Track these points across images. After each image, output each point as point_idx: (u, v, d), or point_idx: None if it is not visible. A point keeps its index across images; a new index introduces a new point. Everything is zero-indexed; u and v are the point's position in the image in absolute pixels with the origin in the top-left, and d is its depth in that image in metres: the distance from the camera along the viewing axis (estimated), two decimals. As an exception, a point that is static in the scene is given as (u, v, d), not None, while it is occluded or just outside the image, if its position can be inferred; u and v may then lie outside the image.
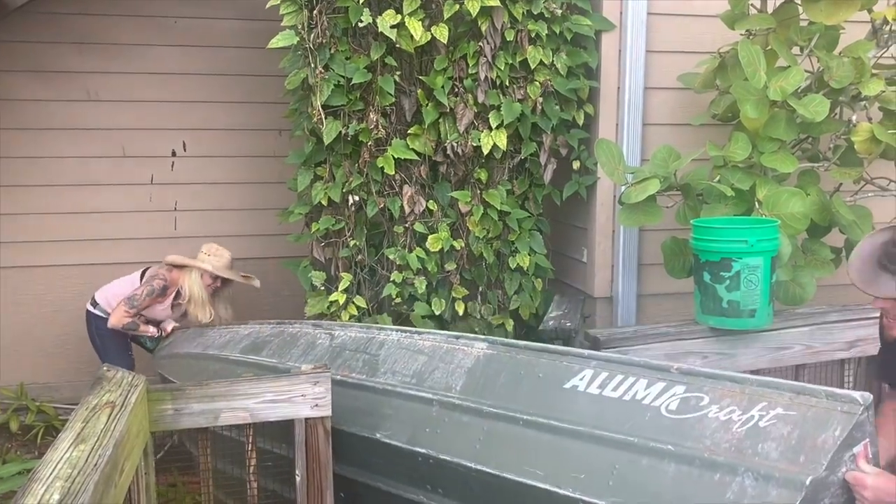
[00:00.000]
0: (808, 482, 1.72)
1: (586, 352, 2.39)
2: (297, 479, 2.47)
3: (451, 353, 2.56)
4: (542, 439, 2.18)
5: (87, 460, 1.65)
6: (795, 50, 3.26)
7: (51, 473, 1.57)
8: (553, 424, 2.18)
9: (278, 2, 3.41)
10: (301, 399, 2.43)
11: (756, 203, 3.07)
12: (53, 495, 1.48)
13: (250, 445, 2.46)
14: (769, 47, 3.21)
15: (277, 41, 3.41)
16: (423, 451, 2.37)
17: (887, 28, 3.17)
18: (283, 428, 2.51)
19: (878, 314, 2.44)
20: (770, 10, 3.34)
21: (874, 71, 3.20)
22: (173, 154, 4.65)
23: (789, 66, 3.07)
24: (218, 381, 2.40)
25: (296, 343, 3.03)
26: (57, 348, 4.57)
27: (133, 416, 2.00)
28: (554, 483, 2.07)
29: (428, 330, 2.95)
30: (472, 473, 2.25)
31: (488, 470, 2.21)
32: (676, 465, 1.91)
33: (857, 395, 1.83)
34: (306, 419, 2.45)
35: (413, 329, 2.86)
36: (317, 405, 2.45)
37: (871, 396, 1.84)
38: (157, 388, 2.32)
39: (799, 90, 3.08)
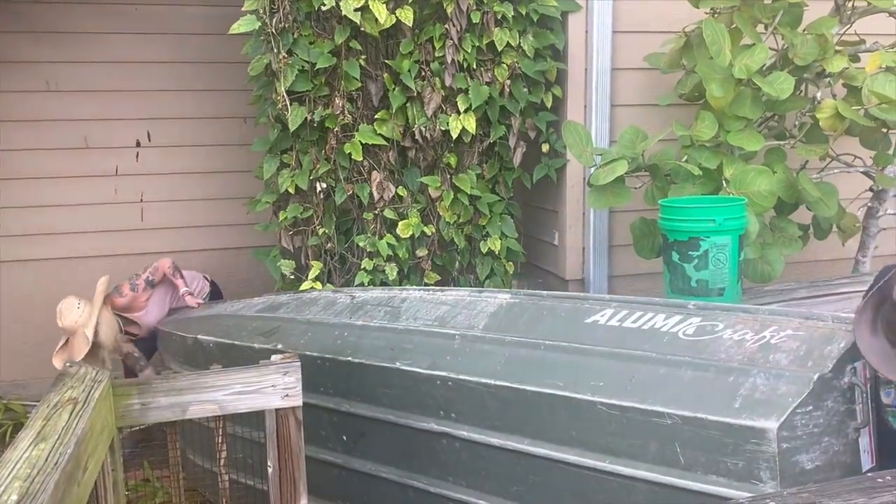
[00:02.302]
0: (815, 377, 1.86)
1: (608, 295, 2.46)
2: (270, 470, 2.45)
3: (473, 303, 2.62)
4: (562, 359, 2.26)
5: (47, 459, 1.60)
6: (760, 28, 3.26)
7: (9, 474, 1.53)
8: (574, 346, 2.26)
9: (239, -14, 3.35)
10: (271, 389, 2.40)
11: (723, 182, 3.08)
12: (11, 496, 1.44)
13: (221, 438, 2.43)
14: (734, 25, 3.21)
15: (239, 26, 3.35)
16: (442, 373, 2.41)
17: (850, 4, 3.18)
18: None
19: (847, 289, 2.46)
20: (734, -12, 3.33)
21: (838, 48, 3.22)
22: (138, 144, 4.57)
23: (754, 44, 3.07)
24: (185, 374, 2.36)
25: (315, 303, 3.04)
26: (23, 345, 4.48)
27: (97, 412, 1.95)
28: (573, 391, 2.14)
29: (452, 287, 2.99)
30: (491, 390, 2.29)
31: (508, 384, 2.27)
32: (693, 372, 2.03)
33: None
34: (277, 410, 2.42)
35: (436, 287, 2.93)
36: (287, 395, 2.42)
37: None
38: (121, 382, 2.27)
39: (764, 68, 3.08)
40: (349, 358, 2.65)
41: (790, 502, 1.63)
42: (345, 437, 2.71)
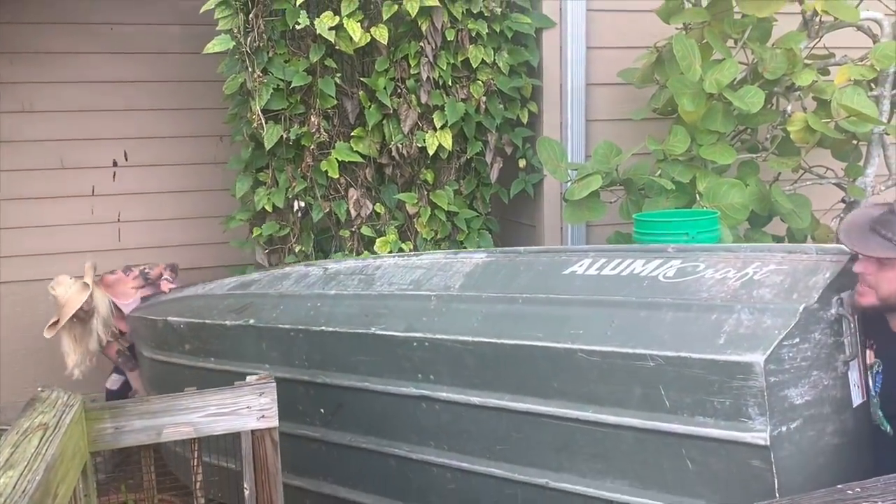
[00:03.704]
0: (801, 309, 1.82)
1: (586, 246, 2.41)
2: (246, 492, 2.43)
3: (449, 265, 2.56)
4: (540, 311, 2.20)
5: (14, 487, 1.59)
6: (730, 43, 3.30)
7: (-26, 503, 1.51)
8: (552, 298, 2.21)
9: (213, 6, 3.35)
10: (246, 411, 2.38)
11: (697, 195, 3.11)
12: (-24, 526, 1.43)
13: (196, 461, 2.41)
14: (704, 41, 3.25)
15: (213, 46, 3.36)
16: (419, 335, 2.36)
17: (817, 19, 3.23)
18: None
19: None
20: (704, 3, 3.38)
21: (807, 61, 3.27)
22: (114, 164, 4.54)
23: (724, 59, 3.11)
24: (160, 397, 2.34)
25: (287, 277, 2.99)
26: (0, 369, 4.43)
27: (68, 438, 1.93)
28: (552, 340, 2.09)
29: (427, 251, 2.95)
30: (469, 347, 2.24)
31: (486, 340, 2.21)
32: (674, 313, 1.97)
33: (844, 246, 1.93)
34: (253, 431, 2.40)
35: (411, 253, 2.85)
36: (263, 416, 2.40)
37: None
38: (94, 406, 2.25)
39: (734, 82, 3.12)
40: (323, 327, 2.59)
41: (761, 514, 1.63)
42: (322, 410, 2.66)
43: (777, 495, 1.75)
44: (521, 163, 3.87)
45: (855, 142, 3.36)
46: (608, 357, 1.97)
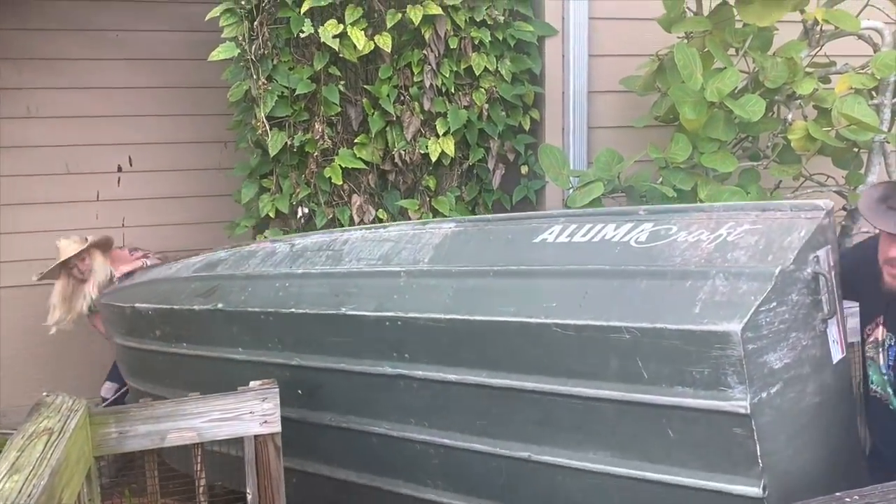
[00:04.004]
0: (777, 272, 1.77)
1: (556, 211, 2.36)
2: (249, 497, 2.45)
3: (418, 237, 2.51)
4: (511, 284, 2.16)
5: (20, 491, 1.61)
6: (731, 52, 3.32)
7: (-19, 507, 1.53)
8: (523, 269, 2.16)
9: (218, 13, 3.38)
10: (249, 416, 2.41)
11: (698, 203, 3.12)
12: (-17, 530, 1.44)
13: (199, 465, 2.43)
14: (706, 49, 3.27)
15: (218, 53, 3.38)
16: (390, 314, 2.31)
17: (818, 28, 3.24)
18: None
19: None
20: (706, 12, 3.40)
21: (808, 70, 3.28)
22: (119, 169, 4.57)
23: (725, 68, 3.13)
24: (163, 402, 2.36)
25: (254, 255, 2.95)
26: (1, 372, 4.45)
27: (72, 443, 1.95)
28: (526, 315, 2.04)
29: (395, 222, 2.87)
30: (442, 325, 2.20)
31: (458, 317, 2.17)
32: (648, 281, 1.93)
33: (819, 202, 1.91)
34: (255, 436, 2.42)
35: (378, 224, 2.79)
36: (266, 421, 2.43)
37: (833, 203, 1.93)
38: (99, 411, 2.28)
39: (735, 91, 3.14)
40: (293, 309, 2.55)
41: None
42: (300, 392, 2.63)
43: (759, 462, 1.73)
44: (524, 169, 3.89)
45: (856, 150, 3.37)
46: (583, 330, 1.93)
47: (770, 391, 1.80)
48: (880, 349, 2.19)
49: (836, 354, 2.02)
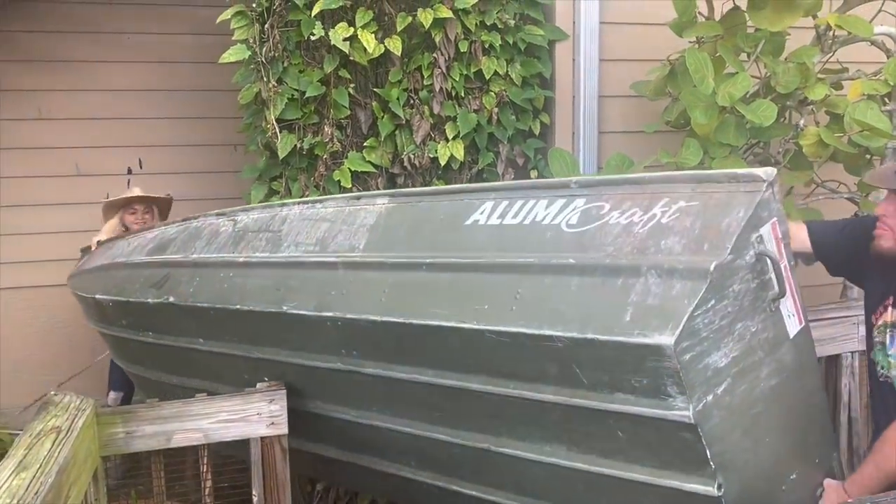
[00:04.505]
0: (712, 269, 1.65)
1: (488, 184, 2.32)
2: (255, 499, 2.44)
3: (353, 215, 2.47)
4: (444, 280, 2.11)
5: (27, 488, 1.60)
6: (743, 56, 3.30)
7: (-12, 504, 1.53)
8: (454, 262, 2.11)
9: (229, 16, 3.39)
10: (256, 418, 2.41)
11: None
12: (-10, 527, 1.44)
13: (205, 467, 2.42)
14: (717, 54, 3.25)
15: (229, 56, 3.39)
16: (329, 314, 2.28)
17: (831, 34, 3.23)
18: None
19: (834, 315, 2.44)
20: (717, 17, 3.39)
21: (820, 76, 3.26)
22: (129, 172, 4.59)
23: (737, 73, 3.11)
24: (170, 402, 2.36)
25: (200, 235, 2.94)
26: (8, 374, 4.46)
27: (80, 441, 1.95)
28: (458, 320, 1.99)
29: (330, 196, 2.83)
30: (380, 327, 2.17)
31: (395, 320, 2.13)
32: (579, 278, 1.84)
33: (759, 171, 1.78)
34: (262, 438, 2.42)
35: (315, 199, 2.75)
36: (273, 423, 2.42)
37: (775, 171, 1.79)
38: (106, 410, 2.28)
39: (747, 95, 3.12)
40: (238, 306, 2.54)
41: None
42: (266, 379, 2.60)
43: (711, 464, 1.68)
44: (534, 174, 3.87)
45: (868, 156, 3.35)
46: (517, 338, 1.86)
47: (717, 392, 1.71)
48: (888, 331, 2.12)
49: (794, 328, 1.91)
